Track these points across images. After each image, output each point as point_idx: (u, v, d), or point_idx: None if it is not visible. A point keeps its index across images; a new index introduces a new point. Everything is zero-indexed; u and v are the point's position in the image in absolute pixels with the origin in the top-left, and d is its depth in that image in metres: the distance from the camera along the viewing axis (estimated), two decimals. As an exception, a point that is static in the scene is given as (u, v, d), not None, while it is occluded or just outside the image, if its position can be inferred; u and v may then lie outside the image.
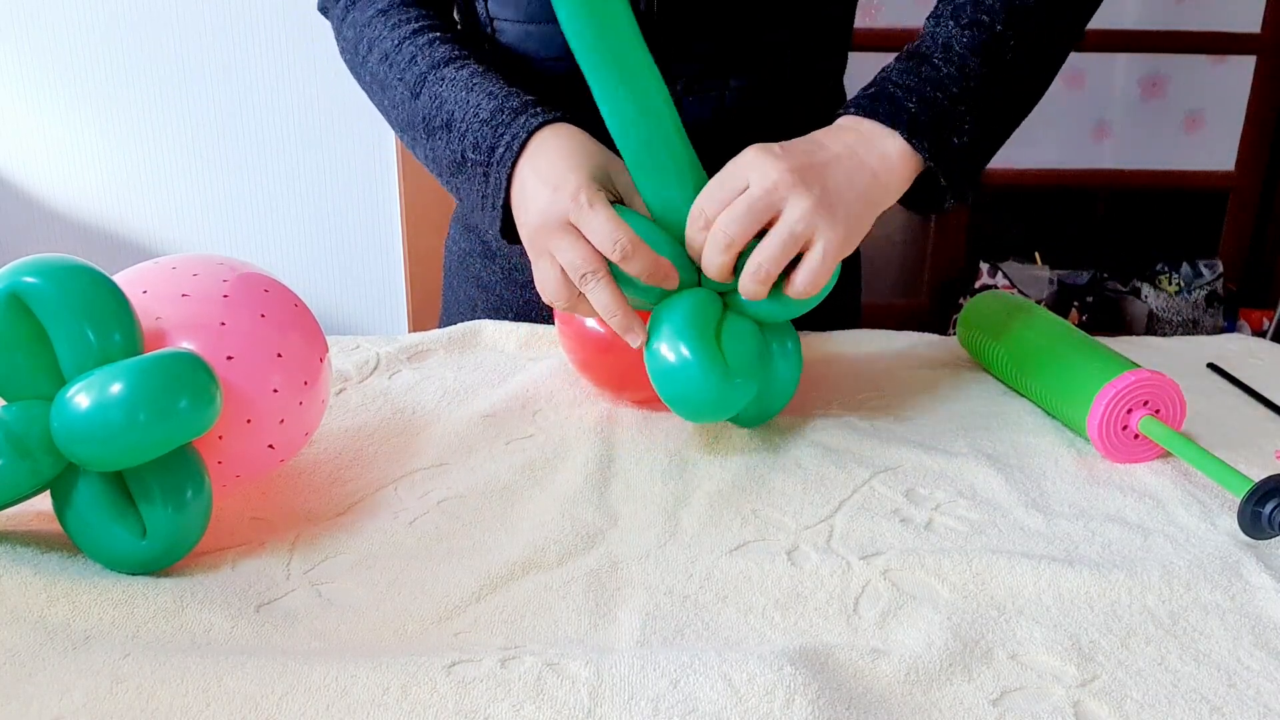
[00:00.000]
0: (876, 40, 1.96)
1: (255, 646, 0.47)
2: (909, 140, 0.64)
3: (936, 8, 0.70)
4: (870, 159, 0.63)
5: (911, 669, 0.45)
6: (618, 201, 0.64)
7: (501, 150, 0.67)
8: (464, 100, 0.71)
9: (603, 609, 0.50)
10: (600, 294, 0.62)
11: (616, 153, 0.64)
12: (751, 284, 0.61)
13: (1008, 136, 0.70)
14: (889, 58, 0.70)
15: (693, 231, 0.62)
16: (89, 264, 0.51)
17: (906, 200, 0.68)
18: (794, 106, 0.81)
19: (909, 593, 0.51)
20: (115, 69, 1.85)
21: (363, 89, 0.80)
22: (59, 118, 1.87)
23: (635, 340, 0.62)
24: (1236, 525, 0.56)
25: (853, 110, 0.66)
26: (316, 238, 1.98)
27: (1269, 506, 0.54)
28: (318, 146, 1.92)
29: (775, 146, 0.62)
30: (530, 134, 0.67)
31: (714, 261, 0.61)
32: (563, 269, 0.63)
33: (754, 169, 0.61)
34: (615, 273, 0.62)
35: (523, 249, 0.70)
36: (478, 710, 0.42)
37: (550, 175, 0.64)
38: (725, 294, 0.65)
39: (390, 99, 0.76)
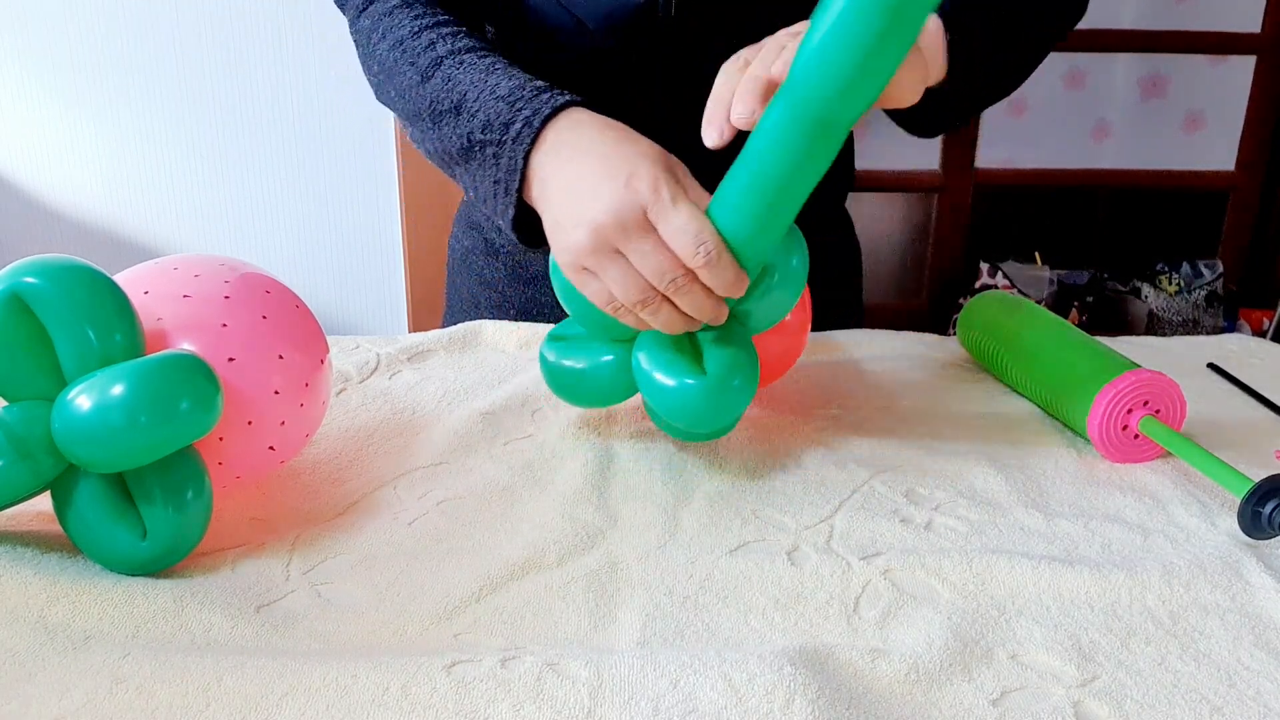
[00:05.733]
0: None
1: (255, 647, 0.47)
2: (945, 26, 0.65)
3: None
4: None
5: (911, 669, 0.45)
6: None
7: (519, 126, 0.62)
8: (480, 80, 0.66)
9: (603, 609, 0.50)
10: (690, 298, 0.56)
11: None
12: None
13: (993, 95, 0.75)
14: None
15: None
16: (90, 264, 0.51)
17: (909, 117, 0.70)
18: None
19: (909, 593, 0.51)
20: (116, 69, 1.85)
21: (370, 83, 0.77)
22: (59, 118, 1.87)
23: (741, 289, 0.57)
24: (1236, 525, 0.56)
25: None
26: (316, 238, 1.98)
27: (1269, 506, 0.54)
28: (318, 146, 1.92)
29: None
30: (556, 110, 0.62)
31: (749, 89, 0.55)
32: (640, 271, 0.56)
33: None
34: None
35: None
36: (478, 710, 0.42)
37: (614, 164, 0.56)
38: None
39: (397, 86, 0.73)
